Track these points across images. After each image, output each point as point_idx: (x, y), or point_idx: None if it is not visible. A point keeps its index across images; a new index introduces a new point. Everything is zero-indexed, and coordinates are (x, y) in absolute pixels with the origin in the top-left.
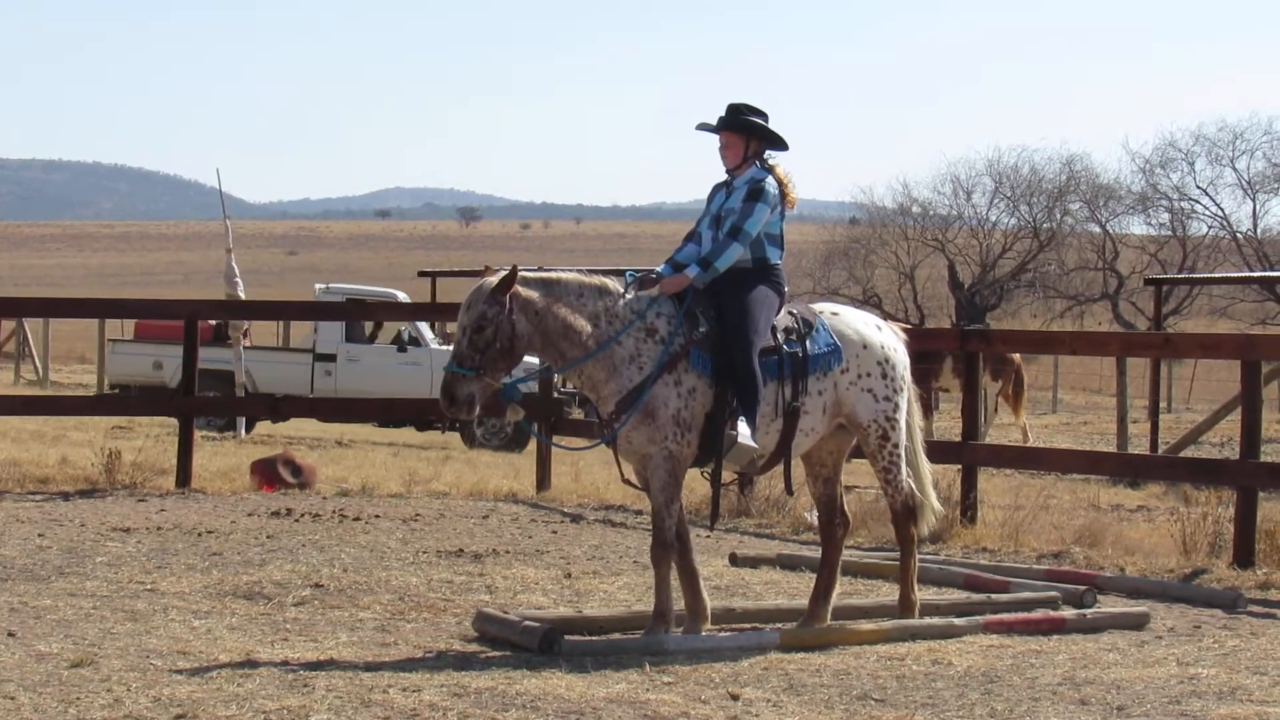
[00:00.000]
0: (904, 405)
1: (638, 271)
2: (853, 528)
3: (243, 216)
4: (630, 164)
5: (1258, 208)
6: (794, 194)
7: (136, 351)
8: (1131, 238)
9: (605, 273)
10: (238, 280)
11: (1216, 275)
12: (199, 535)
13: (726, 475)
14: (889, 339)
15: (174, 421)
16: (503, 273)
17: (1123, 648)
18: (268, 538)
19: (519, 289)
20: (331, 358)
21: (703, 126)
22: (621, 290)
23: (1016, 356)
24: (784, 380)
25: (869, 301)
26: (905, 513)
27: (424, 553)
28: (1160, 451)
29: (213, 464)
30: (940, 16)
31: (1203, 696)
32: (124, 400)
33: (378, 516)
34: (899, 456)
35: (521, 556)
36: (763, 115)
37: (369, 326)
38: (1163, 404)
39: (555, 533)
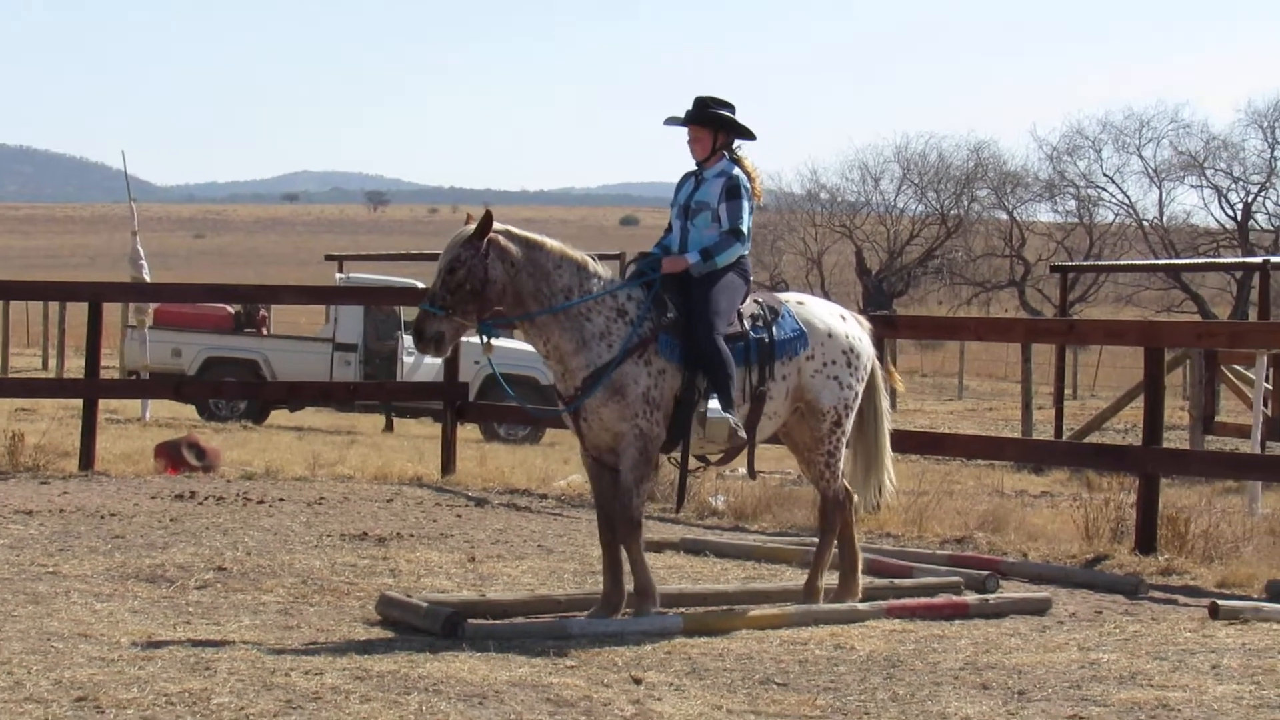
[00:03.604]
0: (861, 394)
1: (634, 260)
2: (756, 513)
3: (149, 200)
4: (538, 149)
5: (1164, 195)
6: (760, 186)
7: (154, 339)
8: (1038, 225)
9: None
10: (143, 263)
11: (1122, 263)
12: (102, 518)
13: (694, 461)
14: (854, 329)
15: (78, 403)
16: (480, 219)
17: (1025, 633)
18: (171, 521)
19: (499, 238)
20: (352, 348)
21: (671, 121)
22: (601, 273)
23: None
24: (750, 366)
25: (775, 287)
26: (835, 501)
27: (328, 536)
28: (1064, 438)
29: (116, 447)
30: (848, 2)
31: (1104, 681)
32: (26, 383)
33: (282, 500)
34: (843, 444)
35: (425, 540)
36: (729, 107)
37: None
38: (1067, 390)
39: (459, 516)
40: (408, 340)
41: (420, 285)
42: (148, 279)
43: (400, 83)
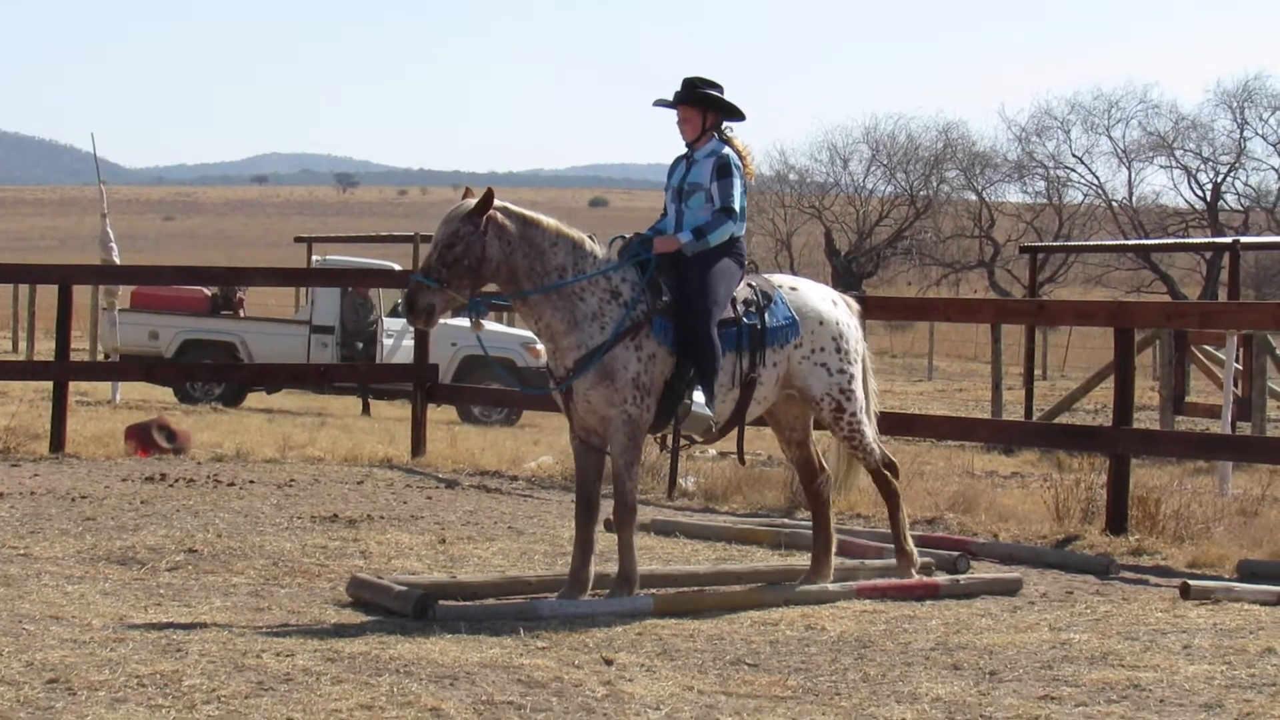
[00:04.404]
0: (859, 376)
1: (625, 235)
2: (727, 494)
3: (119, 182)
4: (507, 130)
5: (1133, 176)
6: (752, 166)
7: (132, 321)
8: (1007, 205)
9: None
10: (113, 245)
11: (1091, 243)
12: (73, 500)
13: (682, 441)
14: (843, 314)
15: (49, 386)
16: (482, 196)
17: (996, 613)
18: (142, 503)
19: (497, 215)
20: (329, 330)
21: (660, 102)
22: (598, 252)
23: None
24: (742, 351)
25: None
26: (883, 472)
27: (298, 518)
28: (1034, 418)
29: (87, 429)
30: None
31: (1075, 661)
32: None
33: (252, 482)
34: (859, 423)
35: (396, 522)
36: (718, 87)
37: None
38: (1037, 371)
39: (430, 498)
40: (388, 323)
41: (396, 268)
42: (118, 261)
43: (369, 64)
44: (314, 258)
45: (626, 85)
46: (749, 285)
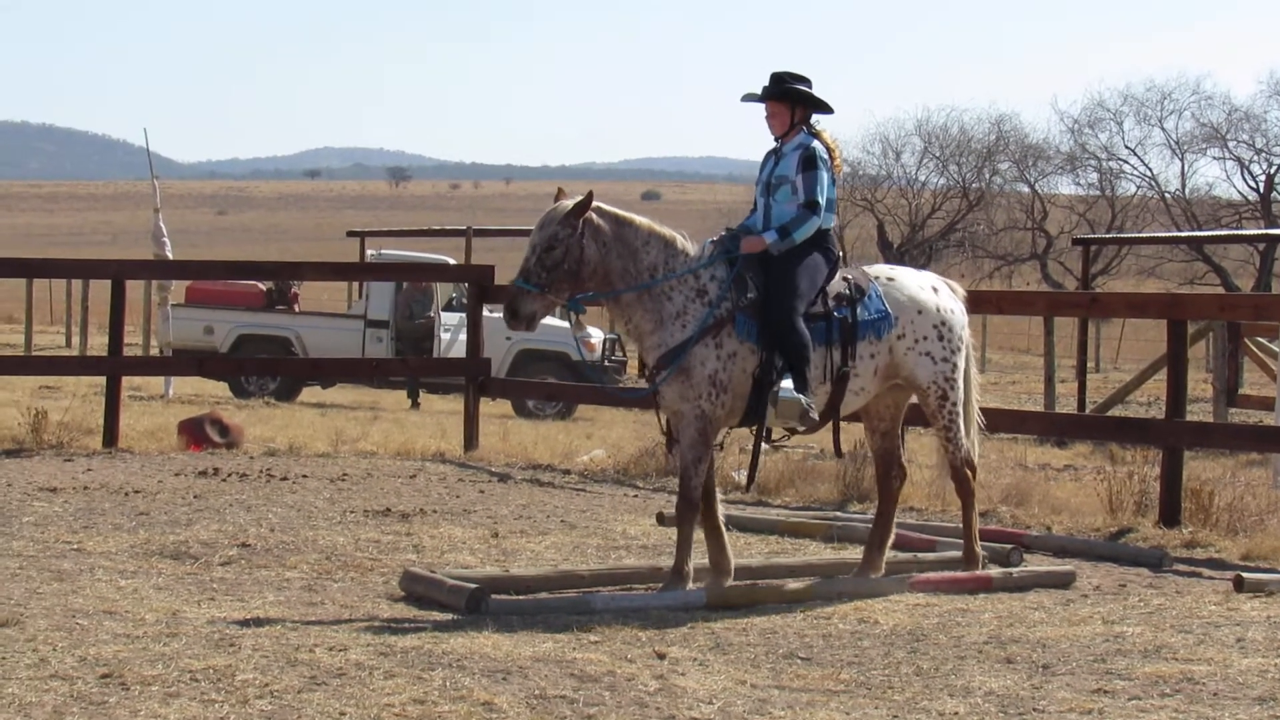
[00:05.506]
0: (961, 364)
1: (713, 240)
2: (779, 487)
3: (171, 176)
4: (559, 124)
5: (1186, 168)
6: (841, 159)
7: (186, 316)
8: (1060, 197)
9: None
10: (165, 240)
11: (1144, 235)
12: (126, 495)
13: (777, 434)
14: (945, 300)
15: (102, 381)
16: (579, 197)
17: (1049, 606)
18: (195, 497)
19: (593, 216)
20: (384, 324)
21: (748, 97)
22: (689, 250)
23: None
24: (832, 346)
25: None
26: (963, 470)
27: (351, 512)
28: (1087, 411)
29: (140, 424)
30: None
31: (1128, 655)
32: (50, 360)
33: (305, 476)
34: (958, 415)
35: (449, 516)
36: (806, 82)
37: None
38: (1090, 363)
39: (483, 492)
40: (445, 317)
41: (450, 262)
42: (170, 256)
43: (421, 58)
44: (369, 253)
45: (678, 78)
46: (843, 279)
